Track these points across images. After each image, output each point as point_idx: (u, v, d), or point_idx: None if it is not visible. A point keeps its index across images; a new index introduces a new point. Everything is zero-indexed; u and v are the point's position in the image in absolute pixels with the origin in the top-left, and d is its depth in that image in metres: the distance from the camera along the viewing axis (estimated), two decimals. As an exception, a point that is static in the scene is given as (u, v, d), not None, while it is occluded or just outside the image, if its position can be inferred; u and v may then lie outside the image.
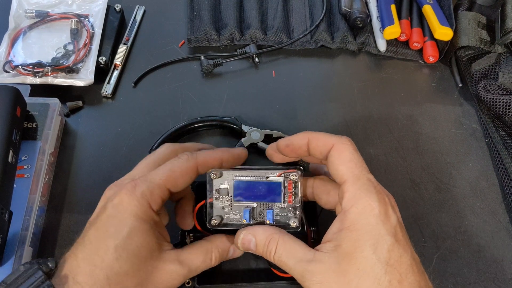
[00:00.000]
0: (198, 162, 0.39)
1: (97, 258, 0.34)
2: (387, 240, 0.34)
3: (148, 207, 0.36)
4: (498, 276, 0.50)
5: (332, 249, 0.35)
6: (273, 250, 0.37)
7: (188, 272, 0.38)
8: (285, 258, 0.36)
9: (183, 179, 0.39)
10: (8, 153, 0.45)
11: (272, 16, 0.66)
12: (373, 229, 0.34)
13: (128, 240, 0.34)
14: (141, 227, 0.35)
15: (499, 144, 0.57)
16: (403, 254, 0.34)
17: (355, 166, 0.36)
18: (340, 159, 0.37)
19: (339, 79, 0.63)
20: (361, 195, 0.35)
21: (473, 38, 0.61)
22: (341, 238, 0.34)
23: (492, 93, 0.58)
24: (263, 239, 0.38)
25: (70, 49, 0.59)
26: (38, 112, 0.52)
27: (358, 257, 0.33)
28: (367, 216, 0.34)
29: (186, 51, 0.64)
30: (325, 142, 0.38)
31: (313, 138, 0.39)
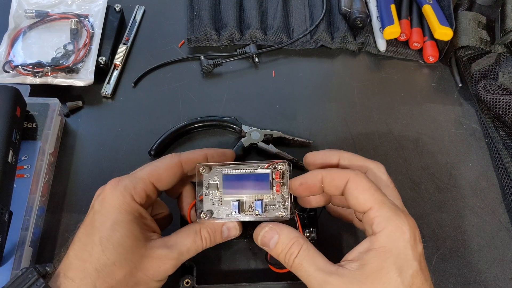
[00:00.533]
0: (182, 159, 0.41)
1: (86, 253, 0.35)
2: (413, 265, 0.34)
3: (131, 200, 0.37)
4: (498, 276, 0.50)
5: (357, 268, 0.34)
6: (295, 253, 0.37)
7: (178, 255, 0.38)
8: (306, 263, 0.36)
9: (166, 174, 0.40)
10: (8, 153, 0.45)
11: (272, 16, 0.66)
12: (401, 252, 0.34)
13: (111, 232, 0.35)
14: (124, 218, 0.36)
15: (499, 144, 0.57)
16: (424, 282, 0.34)
17: (377, 193, 0.37)
18: (359, 188, 0.37)
19: (339, 79, 0.63)
20: (391, 218, 0.35)
21: (473, 38, 0.61)
22: (369, 258, 0.34)
23: (492, 93, 0.58)
24: (288, 240, 0.37)
25: (70, 49, 0.59)
26: (38, 112, 0.52)
27: (382, 277, 0.33)
28: (398, 239, 0.34)
29: (186, 51, 0.64)
30: (340, 177, 0.38)
31: (327, 175, 0.39)
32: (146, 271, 0.36)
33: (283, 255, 0.37)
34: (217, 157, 0.43)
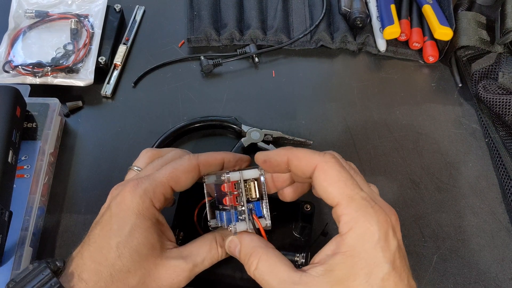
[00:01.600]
0: (200, 162, 0.40)
1: (101, 256, 0.35)
2: (383, 268, 0.31)
3: (151, 205, 0.36)
4: (498, 276, 0.50)
5: (323, 273, 0.32)
6: (254, 264, 0.35)
7: (193, 267, 0.37)
8: (267, 276, 0.34)
9: (185, 177, 0.39)
10: (8, 153, 0.45)
11: (272, 16, 0.66)
12: (370, 256, 0.32)
13: (129, 237, 0.35)
14: (142, 224, 0.36)
15: (499, 144, 0.57)
16: (398, 282, 0.32)
17: (345, 186, 0.33)
18: (327, 180, 0.34)
19: (339, 79, 0.63)
20: (359, 218, 0.32)
21: (473, 38, 0.61)
22: (335, 263, 0.32)
23: (492, 93, 0.58)
24: (246, 250, 0.36)
25: (70, 49, 0.59)
26: (38, 112, 0.52)
27: (350, 285, 0.31)
28: (366, 242, 0.32)
29: (186, 51, 0.64)
30: (307, 162, 0.35)
31: (293, 157, 0.36)
32: (159, 281, 0.36)
33: (246, 268, 0.36)
34: (234, 162, 0.42)
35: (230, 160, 0.41)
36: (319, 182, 0.34)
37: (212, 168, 0.40)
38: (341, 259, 0.32)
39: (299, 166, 0.35)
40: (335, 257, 0.32)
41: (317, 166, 0.34)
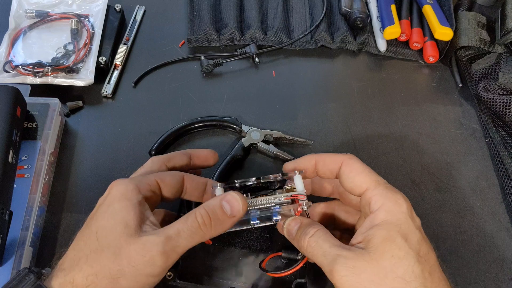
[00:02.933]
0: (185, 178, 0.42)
1: (81, 243, 0.36)
2: (416, 234, 0.35)
3: (135, 188, 0.37)
4: (498, 276, 0.50)
5: (366, 243, 0.35)
6: (312, 232, 0.38)
7: (166, 239, 0.35)
8: (322, 241, 0.37)
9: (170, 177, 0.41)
10: (8, 153, 0.45)
11: (272, 16, 0.66)
12: (403, 223, 0.35)
13: (108, 219, 0.36)
14: (120, 204, 0.36)
15: (499, 144, 0.57)
16: (430, 250, 0.36)
17: (371, 173, 0.38)
18: (353, 171, 0.39)
19: (339, 79, 0.63)
20: (387, 195, 0.37)
21: (473, 38, 0.61)
22: (372, 234, 0.35)
23: (492, 93, 0.58)
24: (307, 222, 0.39)
25: (70, 49, 0.59)
26: (38, 112, 0.52)
27: (391, 245, 0.34)
28: (396, 213, 0.36)
29: (186, 51, 0.64)
30: (333, 161, 0.40)
31: (320, 159, 0.41)
32: (130, 260, 0.34)
33: (302, 237, 0.38)
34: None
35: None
36: (347, 174, 0.39)
37: (196, 187, 0.42)
38: (377, 230, 0.35)
39: (327, 166, 0.40)
40: (371, 230, 0.36)
41: (343, 162, 0.39)
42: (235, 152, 0.54)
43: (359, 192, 0.38)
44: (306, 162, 0.41)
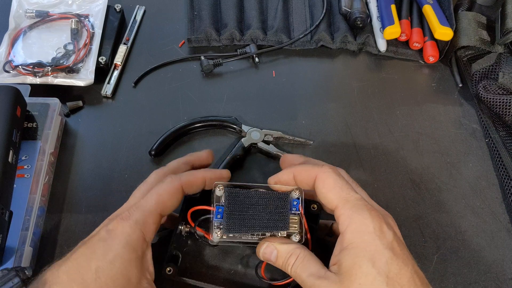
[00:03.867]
0: (182, 183, 0.40)
1: (78, 275, 0.34)
2: (384, 253, 0.34)
3: (141, 237, 0.37)
4: (498, 276, 0.50)
5: (337, 269, 0.35)
6: (292, 263, 0.38)
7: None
8: (300, 270, 0.37)
9: (171, 201, 0.39)
10: (8, 153, 0.45)
11: (272, 16, 0.66)
12: (369, 245, 0.35)
13: (110, 264, 0.35)
14: (126, 255, 0.35)
15: (499, 144, 0.57)
16: (403, 267, 0.34)
17: (341, 190, 0.38)
18: (325, 187, 0.38)
19: (339, 79, 0.63)
20: (353, 215, 0.36)
21: (473, 38, 0.61)
22: (342, 258, 0.35)
23: (492, 93, 0.58)
24: (285, 253, 0.38)
25: (70, 49, 0.59)
26: (38, 112, 0.52)
27: (357, 273, 0.34)
28: (362, 234, 0.35)
29: (186, 51, 0.64)
30: (308, 175, 0.40)
31: (297, 173, 0.40)
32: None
33: (284, 267, 0.38)
34: (215, 179, 0.42)
35: (212, 178, 0.42)
36: (319, 189, 0.39)
37: (194, 188, 0.41)
38: (345, 253, 0.35)
39: (303, 179, 0.40)
40: (340, 254, 0.36)
41: (317, 176, 0.39)
42: (235, 152, 0.54)
43: (331, 209, 0.38)
44: (285, 176, 0.41)
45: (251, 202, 0.39)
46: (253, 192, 0.40)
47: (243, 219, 0.39)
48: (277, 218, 0.39)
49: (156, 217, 0.38)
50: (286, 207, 0.39)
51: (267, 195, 0.40)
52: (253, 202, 0.39)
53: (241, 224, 0.39)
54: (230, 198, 0.39)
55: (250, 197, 0.39)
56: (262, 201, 0.39)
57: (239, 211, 0.39)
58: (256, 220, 0.39)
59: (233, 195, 0.39)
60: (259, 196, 0.40)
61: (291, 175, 0.41)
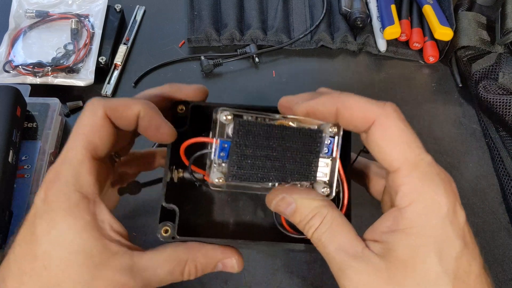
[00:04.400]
0: (106, 109, 0.30)
1: (26, 264, 0.28)
2: (455, 245, 0.27)
3: (80, 197, 0.29)
4: (498, 276, 0.50)
5: (383, 253, 0.27)
6: (315, 226, 0.29)
7: (143, 286, 0.29)
8: (326, 240, 0.28)
9: (98, 137, 0.30)
10: (8, 153, 0.45)
11: (272, 16, 0.66)
12: (438, 233, 0.26)
13: (56, 246, 0.28)
14: (72, 227, 0.28)
15: (499, 144, 0.57)
16: (472, 262, 0.27)
17: (409, 149, 0.28)
18: (386, 139, 0.28)
19: (340, 79, 0.63)
20: (423, 189, 0.27)
21: (473, 38, 0.61)
22: (395, 242, 0.27)
23: (492, 93, 0.58)
24: (308, 210, 0.29)
25: (70, 49, 0.59)
26: (38, 112, 0.52)
27: (418, 268, 0.26)
28: (432, 217, 0.26)
29: (186, 51, 0.64)
30: (363, 115, 0.29)
31: (345, 108, 0.29)
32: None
33: (303, 228, 0.30)
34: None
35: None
36: (377, 140, 0.28)
37: (125, 116, 0.30)
38: (402, 238, 0.26)
39: (352, 119, 0.29)
40: (394, 235, 0.27)
41: (376, 121, 0.28)
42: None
43: (388, 167, 0.28)
44: (325, 106, 0.29)
45: (268, 138, 0.29)
46: (271, 126, 0.29)
47: (255, 162, 0.29)
48: (301, 163, 0.29)
49: (88, 164, 0.29)
50: (315, 147, 0.29)
51: (290, 130, 0.29)
52: (271, 138, 0.29)
53: (252, 169, 0.29)
54: (241, 131, 0.28)
55: (267, 131, 0.29)
56: (283, 137, 0.29)
57: (252, 151, 0.28)
58: (273, 164, 0.29)
59: (245, 127, 0.28)
60: (279, 130, 0.29)
61: (334, 106, 0.29)
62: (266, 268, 0.48)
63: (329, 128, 0.30)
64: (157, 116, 0.31)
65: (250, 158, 0.28)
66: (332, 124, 0.30)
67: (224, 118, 0.29)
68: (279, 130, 0.29)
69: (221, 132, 0.29)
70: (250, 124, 0.28)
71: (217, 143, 0.29)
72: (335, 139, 0.30)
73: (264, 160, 0.29)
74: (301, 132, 0.29)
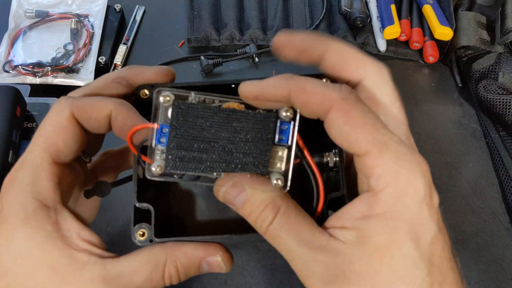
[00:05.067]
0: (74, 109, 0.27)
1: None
2: (431, 230, 0.25)
3: (39, 206, 0.26)
4: (498, 276, 0.50)
5: (356, 241, 0.25)
6: (269, 218, 0.26)
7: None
8: (285, 234, 0.25)
9: (62, 140, 0.27)
10: (8, 153, 0.45)
11: (272, 16, 0.66)
12: (416, 217, 0.25)
13: (18, 260, 0.25)
14: (31, 240, 0.25)
15: (499, 144, 0.57)
16: (445, 247, 0.26)
17: (375, 130, 0.25)
18: (349, 123, 0.25)
19: (339, 79, 0.63)
20: (398, 171, 0.25)
21: (473, 38, 0.61)
22: (371, 228, 0.24)
23: (492, 93, 0.58)
24: (259, 200, 0.26)
25: (70, 49, 0.59)
26: (38, 112, 0.52)
27: (394, 255, 0.24)
28: (410, 200, 0.25)
29: (186, 51, 0.64)
30: (319, 100, 0.25)
31: (299, 91, 0.25)
32: None
33: (255, 222, 0.26)
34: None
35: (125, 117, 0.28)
36: (339, 126, 0.25)
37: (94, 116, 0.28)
38: (378, 223, 0.24)
39: (308, 104, 0.26)
40: (369, 221, 0.25)
41: (334, 106, 0.25)
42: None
43: (356, 153, 0.26)
44: (276, 90, 0.26)
45: (213, 122, 0.26)
46: (218, 109, 0.26)
47: (196, 150, 0.25)
48: (252, 152, 0.26)
49: (48, 169, 0.27)
50: (268, 134, 0.26)
51: (239, 114, 0.26)
52: (216, 123, 0.26)
53: (193, 158, 0.25)
54: (180, 114, 0.25)
55: (212, 115, 0.26)
56: (231, 122, 0.26)
57: (194, 136, 0.25)
58: (218, 151, 0.26)
59: (184, 110, 0.25)
60: (226, 114, 0.26)
61: (285, 90, 0.26)
62: (266, 268, 0.48)
63: (283, 112, 0.26)
64: (132, 116, 0.28)
65: (191, 144, 0.25)
66: (287, 108, 0.26)
67: (162, 99, 0.26)
68: (227, 113, 0.26)
69: (163, 116, 0.26)
70: (190, 107, 0.25)
71: (157, 127, 0.26)
72: (291, 125, 0.26)
73: (208, 148, 0.25)
74: (252, 116, 0.26)
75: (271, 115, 0.26)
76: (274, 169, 0.26)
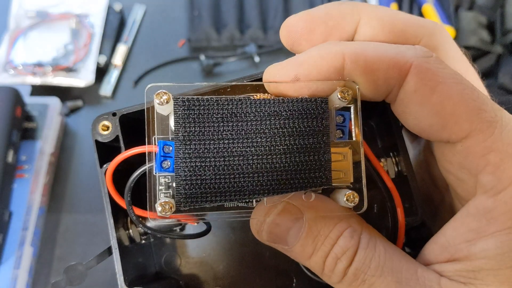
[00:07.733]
0: None
1: None
2: None
3: None
4: (497, 276, 0.50)
5: (463, 277, 0.17)
6: (348, 257, 0.18)
7: None
8: (375, 278, 0.18)
9: None
10: (8, 153, 0.45)
11: (272, 16, 0.66)
12: None
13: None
14: None
15: (499, 144, 0.57)
16: None
17: (479, 100, 0.19)
18: (440, 93, 0.18)
19: (339, 79, 0.63)
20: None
21: (473, 38, 0.61)
22: (483, 260, 0.17)
23: (492, 93, 0.58)
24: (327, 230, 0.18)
25: (70, 49, 0.59)
26: (38, 112, 0.52)
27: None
28: None
29: (187, 51, 0.64)
30: (389, 64, 0.18)
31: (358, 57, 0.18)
32: None
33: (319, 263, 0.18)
34: None
35: None
36: (423, 98, 0.18)
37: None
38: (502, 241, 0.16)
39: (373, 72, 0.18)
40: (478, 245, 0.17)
41: (412, 70, 0.18)
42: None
43: (449, 138, 0.18)
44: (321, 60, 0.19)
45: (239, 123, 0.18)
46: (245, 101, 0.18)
47: (219, 167, 0.17)
48: (302, 159, 0.17)
49: None
50: (320, 128, 0.18)
51: (276, 105, 0.18)
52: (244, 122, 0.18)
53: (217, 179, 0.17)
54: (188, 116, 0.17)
55: (236, 112, 0.18)
56: (265, 118, 0.18)
57: (213, 148, 0.17)
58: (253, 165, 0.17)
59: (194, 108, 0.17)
60: (256, 107, 0.18)
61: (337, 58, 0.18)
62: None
63: (338, 94, 0.18)
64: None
65: (210, 161, 0.17)
66: (343, 87, 0.18)
67: (157, 101, 0.17)
68: (257, 106, 0.17)
69: (161, 129, 0.18)
70: (202, 103, 0.17)
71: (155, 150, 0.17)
72: (351, 110, 0.18)
73: (236, 162, 0.17)
74: (295, 104, 0.17)
75: (323, 100, 0.17)
76: (339, 181, 0.17)
